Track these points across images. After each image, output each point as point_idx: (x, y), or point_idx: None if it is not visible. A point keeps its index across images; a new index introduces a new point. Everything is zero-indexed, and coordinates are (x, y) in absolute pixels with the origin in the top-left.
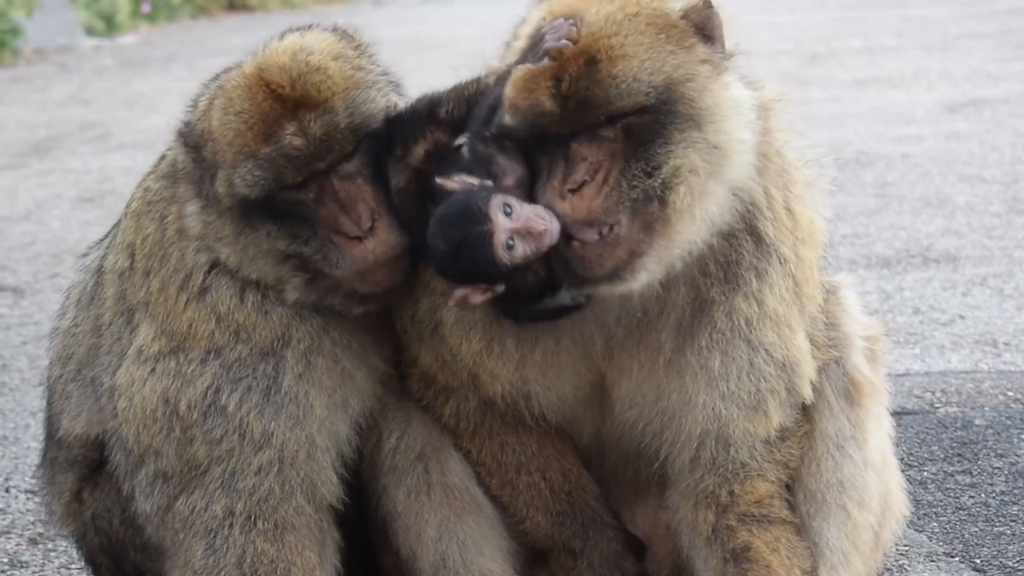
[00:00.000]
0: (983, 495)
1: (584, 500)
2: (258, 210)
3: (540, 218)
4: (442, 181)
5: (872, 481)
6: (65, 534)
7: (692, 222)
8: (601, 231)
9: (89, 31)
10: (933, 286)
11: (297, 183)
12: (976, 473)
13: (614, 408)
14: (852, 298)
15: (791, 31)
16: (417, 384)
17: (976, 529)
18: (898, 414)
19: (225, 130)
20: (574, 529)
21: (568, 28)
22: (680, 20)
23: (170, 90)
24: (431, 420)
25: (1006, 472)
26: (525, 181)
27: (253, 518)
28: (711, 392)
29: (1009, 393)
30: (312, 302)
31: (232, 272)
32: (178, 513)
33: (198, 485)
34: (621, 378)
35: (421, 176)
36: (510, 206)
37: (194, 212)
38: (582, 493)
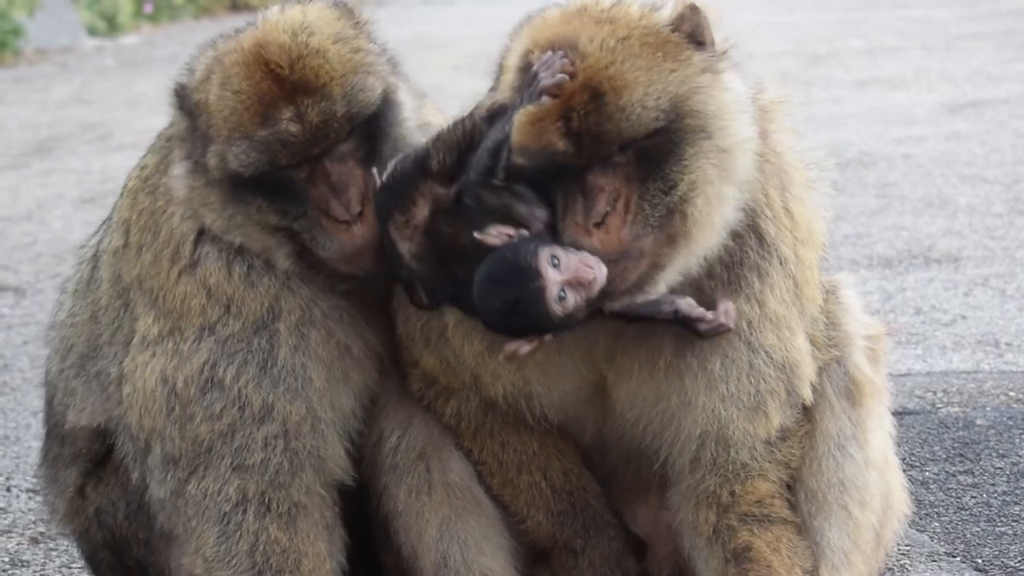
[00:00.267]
0: (985, 495)
1: (585, 499)
2: (249, 186)
3: (588, 267)
4: (481, 236)
5: (873, 480)
6: (67, 533)
7: (711, 230)
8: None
9: (91, 31)
10: (935, 286)
11: (291, 164)
12: (978, 473)
13: (615, 408)
14: (853, 297)
15: (793, 32)
16: (418, 384)
17: (978, 529)
18: (900, 414)
19: (221, 106)
20: (575, 528)
21: (561, 61)
22: (672, 35)
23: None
24: (432, 419)
25: (1008, 472)
26: (551, 222)
27: (267, 500)
28: (711, 394)
29: (1011, 393)
30: (300, 271)
31: (218, 238)
32: (191, 498)
33: (209, 466)
34: (622, 379)
35: (431, 235)
36: (557, 258)
37: (181, 174)
38: (583, 492)
